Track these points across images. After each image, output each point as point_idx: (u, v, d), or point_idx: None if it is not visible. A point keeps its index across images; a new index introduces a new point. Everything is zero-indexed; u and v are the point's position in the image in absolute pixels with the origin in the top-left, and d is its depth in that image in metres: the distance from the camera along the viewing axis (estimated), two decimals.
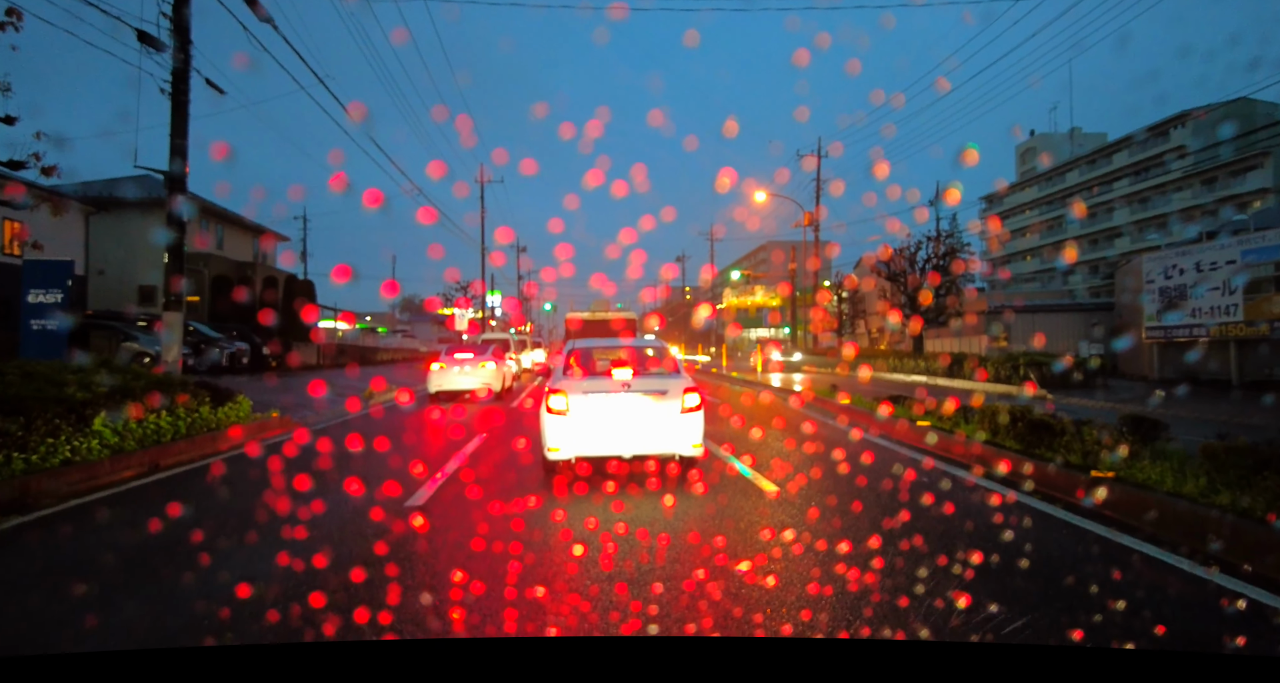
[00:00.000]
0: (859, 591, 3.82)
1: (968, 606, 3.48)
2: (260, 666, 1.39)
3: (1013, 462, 6.84)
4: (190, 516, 5.85)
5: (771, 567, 4.21)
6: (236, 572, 4.22)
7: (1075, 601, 3.73)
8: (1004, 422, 7.33)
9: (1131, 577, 4.11)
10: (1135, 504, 5.08)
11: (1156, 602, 3.76)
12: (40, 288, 13.96)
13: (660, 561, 4.35)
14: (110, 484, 7.01)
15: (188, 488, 7.10)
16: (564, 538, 4.82)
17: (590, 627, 3.33)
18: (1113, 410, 14.31)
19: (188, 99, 10.41)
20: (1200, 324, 20.69)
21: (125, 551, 4.83)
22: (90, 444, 7.29)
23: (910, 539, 4.74)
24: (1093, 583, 3.97)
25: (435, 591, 3.80)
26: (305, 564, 4.24)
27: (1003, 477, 6.69)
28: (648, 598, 3.69)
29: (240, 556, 4.61)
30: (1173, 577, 4.04)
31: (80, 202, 26.15)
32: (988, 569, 4.13)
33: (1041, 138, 76.08)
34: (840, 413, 13.16)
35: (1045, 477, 6.22)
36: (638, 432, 6.50)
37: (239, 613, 3.63)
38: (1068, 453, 6.21)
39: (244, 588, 3.87)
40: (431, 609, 3.55)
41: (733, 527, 5.13)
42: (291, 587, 3.93)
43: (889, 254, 30.85)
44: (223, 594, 3.85)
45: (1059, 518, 5.29)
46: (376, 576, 4.05)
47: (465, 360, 16.29)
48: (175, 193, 10.47)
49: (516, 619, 3.36)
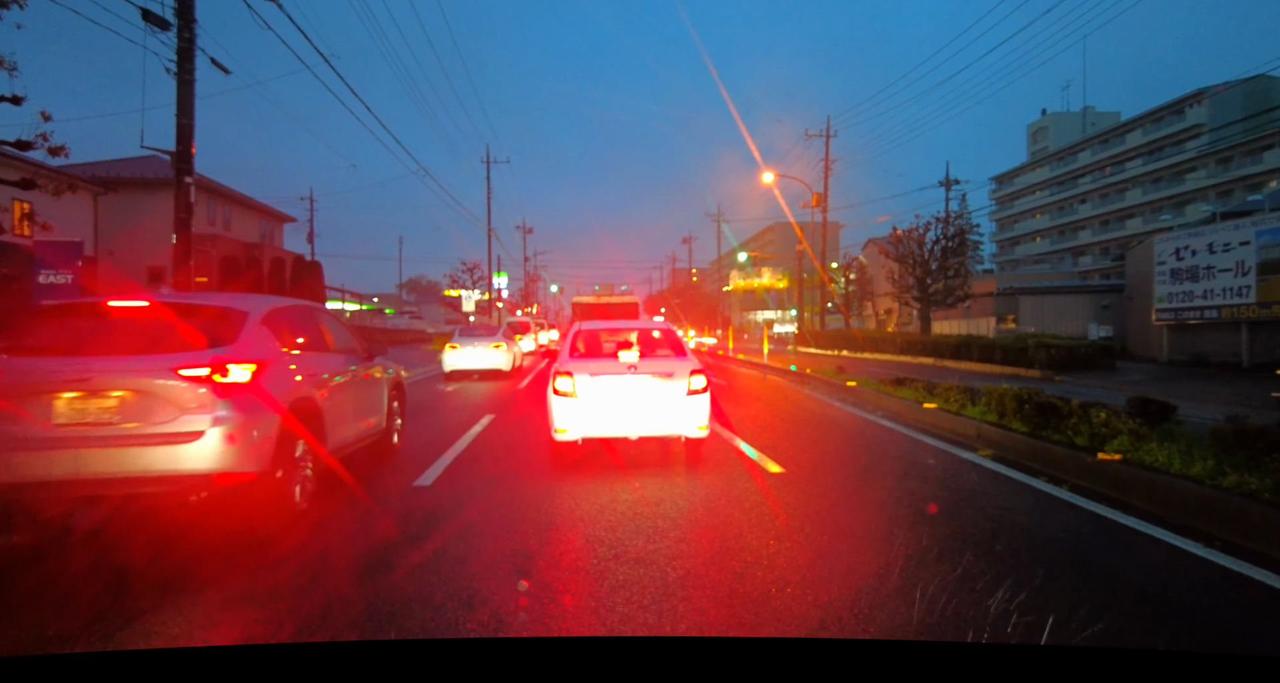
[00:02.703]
0: (865, 578, 3.84)
1: (969, 590, 3.51)
2: (262, 666, 1.37)
3: (1020, 444, 6.85)
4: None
5: (778, 551, 4.25)
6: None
7: (1080, 586, 3.75)
8: (1011, 404, 7.32)
9: (1138, 560, 4.13)
10: (1142, 486, 5.07)
11: (1163, 585, 3.78)
12: (50, 269, 14.04)
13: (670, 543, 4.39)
14: None
15: None
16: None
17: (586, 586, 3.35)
18: (1120, 392, 14.29)
19: (193, 78, 10.36)
20: (1212, 306, 20.52)
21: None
22: None
23: (916, 523, 4.77)
24: (1098, 568, 3.98)
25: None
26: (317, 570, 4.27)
27: (1010, 459, 6.69)
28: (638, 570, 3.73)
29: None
30: (1184, 561, 4.05)
31: (89, 182, 26.17)
32: (990, 553, 4.15)
33: (1054, 117, 75.04)
34: (846, 395, 13.16)
35: (1052, 459, 6.22)
36: (644, 414, 6.54)
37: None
38: (1075, 435, 6.19)
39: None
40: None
41: (736, 507, 5.17)
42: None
43: (898, 236, 30.61)
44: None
45: (1063, 500, 5.30)
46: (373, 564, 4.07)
47: (479, 341, 17.20)
48: (182, 173, 10.46)
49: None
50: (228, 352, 4.57)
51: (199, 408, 4.31)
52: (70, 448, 4.18)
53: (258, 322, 5.00)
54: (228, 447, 4.33)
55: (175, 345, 4.59)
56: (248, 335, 4.82)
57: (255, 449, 4.49)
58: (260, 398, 4.59)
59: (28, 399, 4.25)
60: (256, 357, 4.71)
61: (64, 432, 4.20)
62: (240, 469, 4.39)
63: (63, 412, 4.23)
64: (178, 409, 4.29)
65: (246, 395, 4.49)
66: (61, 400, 4.24)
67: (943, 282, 29.55)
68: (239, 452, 4.38)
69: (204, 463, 4.29)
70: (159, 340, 4.67)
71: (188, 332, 4.68)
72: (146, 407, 4.27)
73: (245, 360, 4.59)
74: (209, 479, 4.33)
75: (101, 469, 4.20)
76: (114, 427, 4.23)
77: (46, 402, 4.22)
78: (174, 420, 4.28)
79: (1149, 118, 58.12)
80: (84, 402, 4.24)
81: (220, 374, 4.42)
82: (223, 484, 4.36)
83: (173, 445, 4.25)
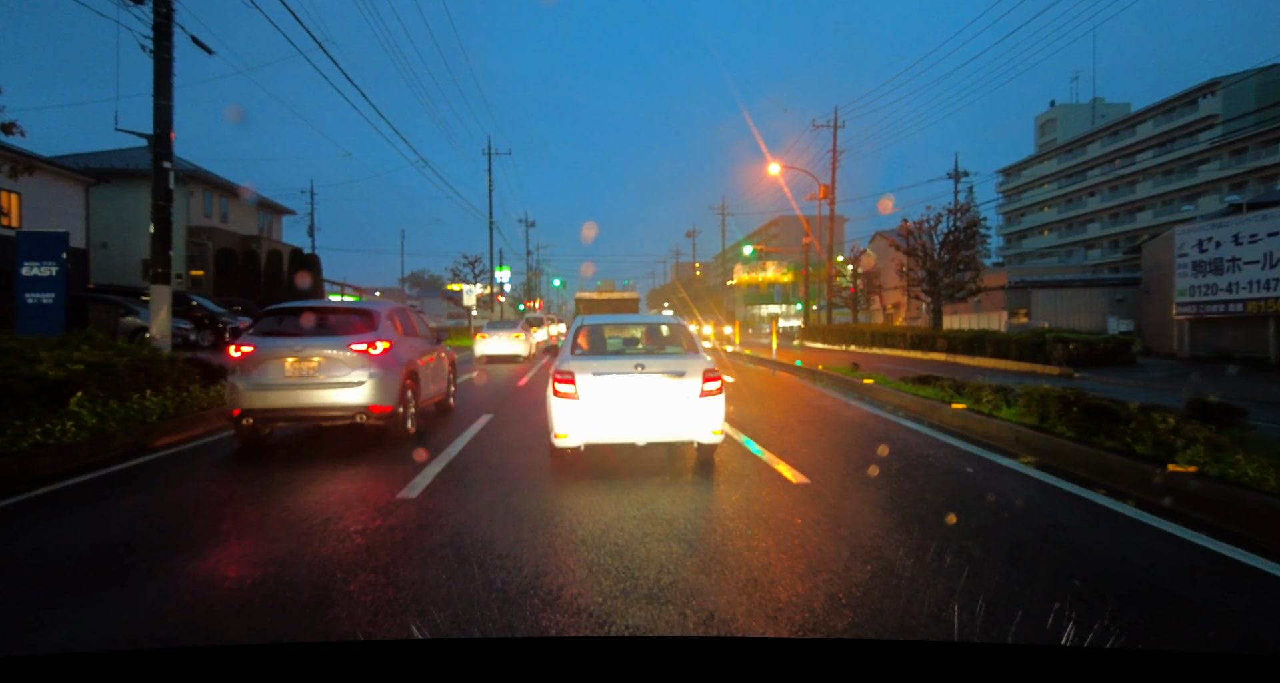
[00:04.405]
0: (925, 624, 3.22)
1: (1056, 636, 2.89)
2: (258, 665, 1.37)
3: (1067, 450, 6.21)
4: (171, 503, 5.35)
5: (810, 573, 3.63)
6: (207, 571, 3.69)
7: (1192, 636, 3.12)
8: (1055, 406, 6.67)
9: (1254, 602, 3.47)
10: (1229, 505, 4.44)
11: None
12: (35, 260, 13.41)
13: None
14: (90, 468, 6.51)
15: (170, 472, 6.58)
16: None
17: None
18: (1148, 390, 13.62)
19: (171, 57, 9.72)
20: (1237, 299, 19.81)
21: (89, 545, 4.31)
22: (65, 426, 6.78)
23: (963, 542, 4.14)
24: (1208, 612, 3.34)
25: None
26: (279, 564, 3.70)
27: (1057, 467, 6.06)
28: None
29: (214, 552, 4.08)
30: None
31: (80, 173, 25.57)
32: (1067, 589, 3.52)
33: (1062, 109, 73.96)
34: (864, 393, 12.53)
35: (1108, 468, 5.58)
36: (653, 416, 5.99)
37: (215, 617, 3.25)
38: (1135, 442, 5.55)
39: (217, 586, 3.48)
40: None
41: (760, 526, 4.55)
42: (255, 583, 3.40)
43: (909, 228, 29.87)
44: (193, 596, 3.32)
45: (1132, 519, 4.66)
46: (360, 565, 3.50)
47: (503, 333, 22.63)
48: (160, 158, 9.83)
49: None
50: (372, 336, 7.47)
51: (360, 367, 7.24)
52: (293, 389, 7.15)
53: (384, 317, 7.90)
54: (376, 390, 7.25)
55: (346, 331, 7.55)
56: (381, 326, 7.71)
57: (389, 393, 7.38)
58: (391, 363, 7.50)
59: (271, 361, 7.20)
60: (387, 339, 7.57)
61: (290, 379, 7.15)
62: (382, 403, 7.30)
63: (289, 368, 7.18)
64: (349, 368, 7.22)
65: (383, 361, 7.39)
66: (288, 362, 7.19)
67: (954, 275, 28.84)
68: (381, 393, 7.29)
69: (363, 399, 7.21)
70: (338, 328, 7.63)
71: (351, 324, 7.69)
72: (332, 366, 7.21)
73: (382, 341, 7.48)
74: (366, 409, 7.23)
75: (310, 402, 7.18)
76: (316, 378, 7.18)
77: (280, 362, 7.18)
78: (347, 375, 7.22)
79: (1161, 109, 57.14)
80: (299, 363, 7.20)
81: (372, 348, 7.36)
82: (374, 412, 7.27)
83: (347, 388, 7.18)
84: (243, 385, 7.08)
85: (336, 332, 7.49)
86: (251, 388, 7.07)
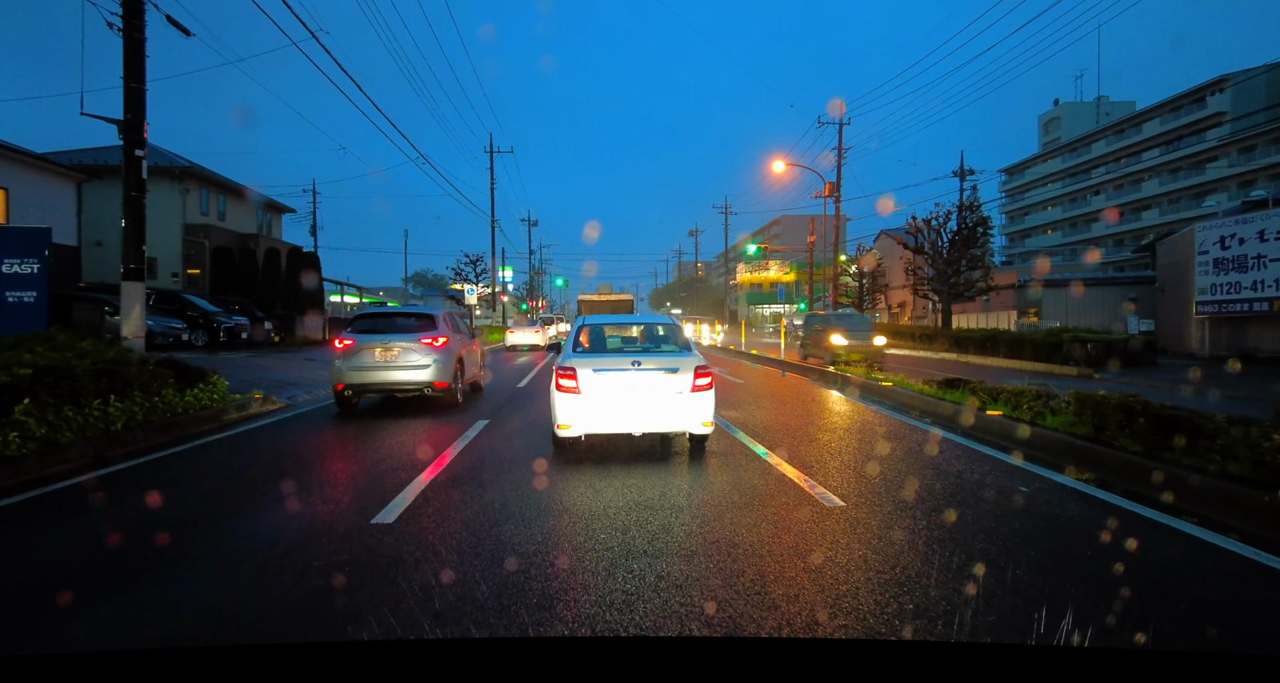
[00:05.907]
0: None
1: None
2: (262, 665, 1.37)
3: (1132, 467, 5.52)
4: (118, 524, 4.65)
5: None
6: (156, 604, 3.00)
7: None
8: (1115, 416, 5.95)
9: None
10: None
11: None
12: (15, 257, 12.75)
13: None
14: (36, 484, 5.83)
15: (125, 487, 5.88)
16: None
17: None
18: (1174, 392, 12.91)
19: (143, 37, 9.01)
20: (1263, 298, 19.11)
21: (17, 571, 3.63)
22: (8, 436, 6.08)
23: (1054, 598, 3.44)
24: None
25: None
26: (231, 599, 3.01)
27: (1122, 488, 5.36)
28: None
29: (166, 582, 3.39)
30: None
31: (72, 170, 24.85)
32: (1194, 649, 2.83)
33: (1066, 107, 73.18)
34: (883, 397, 11.83)
35: (1187, 489, 4.87)
36: (649, 409, 6.50)
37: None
38: (1228, 460, 4.84)
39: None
40: None
41: (799, 559, 3.86)
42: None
43: (916, 226, 29.15)
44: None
45: (1246, 558, 3.91)
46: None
47: (524, 328, 31.51)
48: (132, 145, 9.13)
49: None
50: (434, 333, 10.25)
51: (427, 355, 9.96)
52: (380, 370, 9.85)
53: (441, 319, 10.80)
54: (438, 371, 10.00)
55: (416, 329, 10.31)
56: (440, 325, 10.54)
57: (447, 372, 10.18)
58: (448, 353, 10.28)
59: (364, 350, 9.89)
60: (445, 335, 10.31)
61: (378, 363, 9.83)
62: (442, 381, 10.09)
63: (377, 355, 9.85)
64: (419, 355, 9.93)
65: (443, 351, 10.16)
66: (376, 351, 9.88)
67: (963, 274, 28.13)
68: (442, 374, 10.05)
69: (429, 377, 9.95)
70: (409, 327, 10.38)
71: (419, 324, 10.50)
72: (407, 354, 9.90)
73: (441, 336, 10.24)
74: (431, 384, 10.03)
75: (392, 379, 9.88)
76: (396, 362, 9.87)
77: (370, 351, 9.86)
78: (418, 360, 9.93)
79: (1167, 106, 56.41)
80: (384, 352, 9.88)
81: (435, 342, 10.13)
82: (437, 387, 10.10)
83: (418, 369, 9.90)
84: (344, 368, 9.81)
85: (409, 330, 10.23)
86: (350, 370, 9.78)
